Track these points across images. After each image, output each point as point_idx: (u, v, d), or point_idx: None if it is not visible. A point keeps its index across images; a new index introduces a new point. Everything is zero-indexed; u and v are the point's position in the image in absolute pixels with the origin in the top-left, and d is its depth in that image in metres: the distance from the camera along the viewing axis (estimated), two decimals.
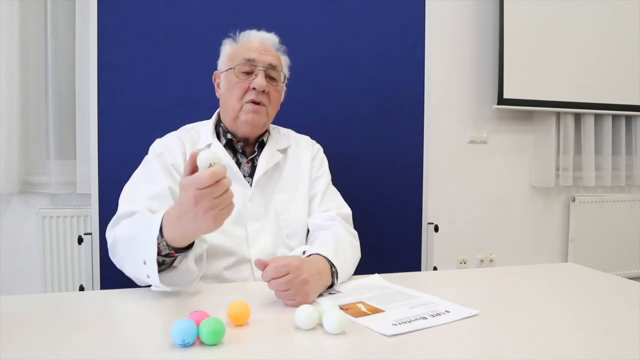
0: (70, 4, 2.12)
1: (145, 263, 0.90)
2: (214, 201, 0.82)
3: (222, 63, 1.26)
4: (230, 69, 1.20)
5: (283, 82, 1.25)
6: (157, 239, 0.89)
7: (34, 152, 2.16)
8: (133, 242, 0.96)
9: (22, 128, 2.09)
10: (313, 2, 1.63)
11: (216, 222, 0.84)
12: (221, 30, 1.28)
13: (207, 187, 0.80)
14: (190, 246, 0.93)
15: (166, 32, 1.52)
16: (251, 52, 1.19)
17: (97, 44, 1.47)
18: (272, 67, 1.20)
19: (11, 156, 2.07)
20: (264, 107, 1.19)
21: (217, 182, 0.81)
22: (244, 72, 1.19)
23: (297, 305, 0.80)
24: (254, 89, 1.17)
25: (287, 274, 0.87)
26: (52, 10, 2.10)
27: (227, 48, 1.26)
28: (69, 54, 2.13)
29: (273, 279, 0.87)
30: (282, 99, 1.28)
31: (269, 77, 1.20)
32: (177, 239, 0.89)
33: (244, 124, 1.20)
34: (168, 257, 0.93)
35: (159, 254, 0.90)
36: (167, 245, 0.90)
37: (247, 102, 1.18)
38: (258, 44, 1.22)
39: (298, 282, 0.87)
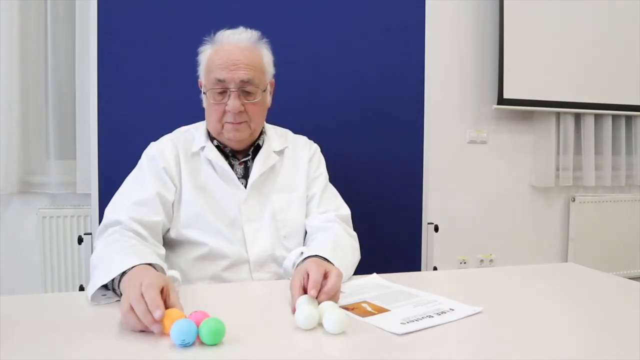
0: (70, 4, 2.11)
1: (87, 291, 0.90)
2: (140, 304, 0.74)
3: (200, 73, 1.23)
4: (204, 93, 1.19)
5: (264, 91, 1.19)
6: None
7: (34, 152, 2.16)
8: (92, 269, 0.95)
9: (22, 128, 2.09)
10: (313, 2, 1.63)
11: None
12: (221, 30, 1.28)
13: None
14: None
15: (166, 32, 1.52)
16: (221, 70, 1.14)
17: (97, 44, 1.47)
18: (245, 82, 1.14)
19: (11, 156, 2.07)
20: (245, 123, 1.17)
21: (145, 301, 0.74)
22: (218, 93, 1.16)
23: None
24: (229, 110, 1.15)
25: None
26: (52, 10, 2.09)
27: (204, 56, 1.20)
28: (69, 54, 2.13)
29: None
30: (269, 103, 1.24)
31: (245, 93, 1.16)
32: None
33: (228, 141, 1.20)
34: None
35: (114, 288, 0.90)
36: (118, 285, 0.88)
37: (226, 123, 1.17)
38: (230, 53, 1.15)
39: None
